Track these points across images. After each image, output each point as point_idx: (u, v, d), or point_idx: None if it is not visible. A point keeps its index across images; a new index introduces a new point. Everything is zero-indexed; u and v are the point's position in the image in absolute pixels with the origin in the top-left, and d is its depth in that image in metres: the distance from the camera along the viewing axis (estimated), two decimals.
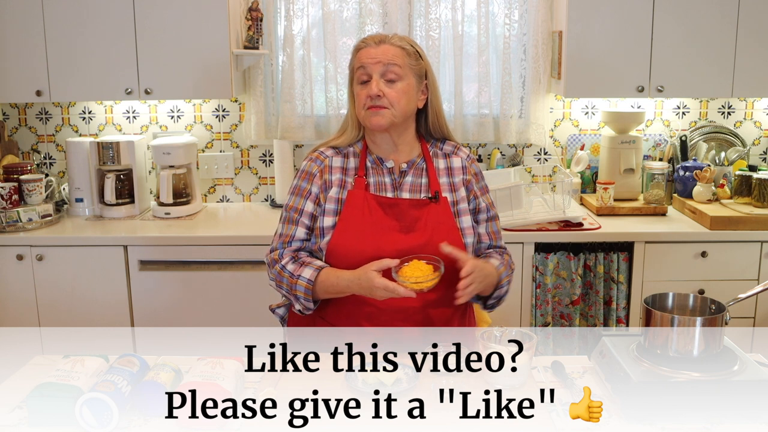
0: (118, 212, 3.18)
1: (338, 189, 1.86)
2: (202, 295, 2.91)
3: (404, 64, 1.82)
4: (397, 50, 1.82)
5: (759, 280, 2.87)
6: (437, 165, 1.91)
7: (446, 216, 1.84)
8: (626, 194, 3.23)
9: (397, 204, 1.83)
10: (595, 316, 2.94)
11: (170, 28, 2.99)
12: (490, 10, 3.25)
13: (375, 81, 1.80)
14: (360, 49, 1.85)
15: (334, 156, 1.90)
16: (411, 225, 1.82)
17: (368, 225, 1.80)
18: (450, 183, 1.90)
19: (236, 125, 3.43)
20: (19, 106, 3.42)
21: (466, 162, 1.94)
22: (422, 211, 1.83)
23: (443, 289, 1.78)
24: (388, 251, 1.75)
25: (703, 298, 1.65)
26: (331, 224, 1.83)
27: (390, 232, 1.80)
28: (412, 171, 1.89)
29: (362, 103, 1.82)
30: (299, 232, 1.86)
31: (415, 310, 1.80)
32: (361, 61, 1.83)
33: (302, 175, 1.90)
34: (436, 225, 1.82)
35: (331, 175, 1.87)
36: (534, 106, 3.32)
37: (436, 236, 1.79)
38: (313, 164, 1.90)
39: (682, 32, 3.01)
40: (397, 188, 1.87)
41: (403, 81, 1.82)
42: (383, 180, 1.87)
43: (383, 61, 1.80)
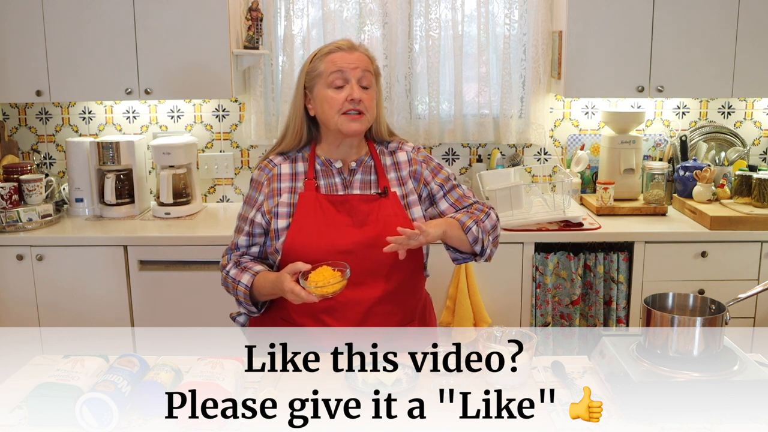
0: (118, 212, 3.18)
1: (289, 195, 1.89)
2: (202, 295, 2.91)
3: (373, 72, 1.89)
4: (367, 58, 1.89)
5: (759, 280, 2.87)
6: (384, 162, 1.96)
7: (397, 208, 1.88)
8: (626, 194, 3.23)
9: (348, 200, 1.87)
10: (595, 316, 2.94)
11: (170, 28, 2.99)
12: (490, 10, 3.25)
13: (355, 86, 1.83)
14: (332, 52, 1.87)
15: (282, 163, 1.94)
16: (363, 219, 1.85)
17: (321, 223, 1.84)
18: (398, 177, 1.94)
19: (236, 125, 3.43)
20: (19, 106, 3.42)
21: (411, 154, 1.98)
22: (373, 206, 1.87)
23: (398, 278, 1.85)
24: (343, 245, 1.81)
25: (703, 298, 1.65)
26: (285, 225, 1.86)
27: (343, 227, 1.84)
28: (361, 169, 1.93)
29: (337, 108, 1.84)
30: (241, 240, 1.94)
31: (375, 301, 1.83)
32: (337, 65, 1.84)
33: (252, 185, 1.96)
34: (387, 218, 1.86)
35: (280, 182, 1.91)
36: (534, 106, 3.32)
37: (388, 228, 1.82)
38: (262, 173, 1.94)
39: (682, 32, 3.01)
40: (347, 187, 1.91)
41: (373, 88, 1.88)
42: (333, 181, 1.91)
43: (360, 67, 1.85)
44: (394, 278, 1.86)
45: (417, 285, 1.97)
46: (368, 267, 1.82)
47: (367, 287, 1.83)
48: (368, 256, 1.82)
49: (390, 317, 1.87)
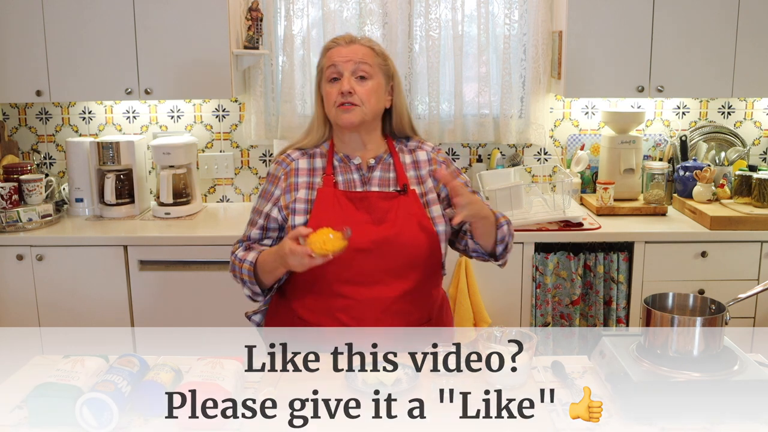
0: (118, 212, 3.18)
1: (306, 191, 1.88)
2: (202, 295, 2.91)
3: (374, 63, 1.86)
4: (367, 50, 1.87)
5: (759, 280, 2.87)
6: (403, 160, 1.94)
7: (416, 206, 1.86)
8: (626, 194, 3.23)
9: (367, 197, 1.86)
10: (595, 316, 2.94)
11: (170, 28, 2.99)
12: (490, 10, 3.25)
13: (346, 78, 1.83)
14: (330, 48, 1.88)
15: (300, 158, 1.93)
16: (382, 217, 1.84)
17: (340, 219, 1.82)
18: (417, 176, 1.93)
19: (236, 125, 3.43)
20: (19, 106, 3.42)
21: (431, 154, 1.97)
22: (392, 203, 1.85)
23: (415, 277, 1.83)
24: (361, 243, 1.78)
25: (703, 298, 1.65)
26: (302, 221, 1.85)
27: (361, 225, 1.82)
28: (380, 166, 1.91)
29: (333, 101, 1.84)
30: (254, 233, 1.92)
31: (392, 300, 1.82)
32: (332, 59, 1.85)
33: (269, 179, 1.95)
34: (406, 216, 1.84)
35: (297, 177, 1.90)
36: (534, 106, 3.32)
37: (407, 226, 1.81)
38: (279, 167, 1.93)
39: (682, 32, 3.01)
40: (365, 183, 1.89)
41: (373, 79, 1.85)
42: (352, 177, 1.90)
43: (354, 59, 1.84)
44: (411, 277, 1.84)
45: (434, 283, 1.95)
46: (386, 266, 1.81)
47: (385, 286, 1.81)
48: (386, 254, 1.80)
49: (407, 316, 1.85)
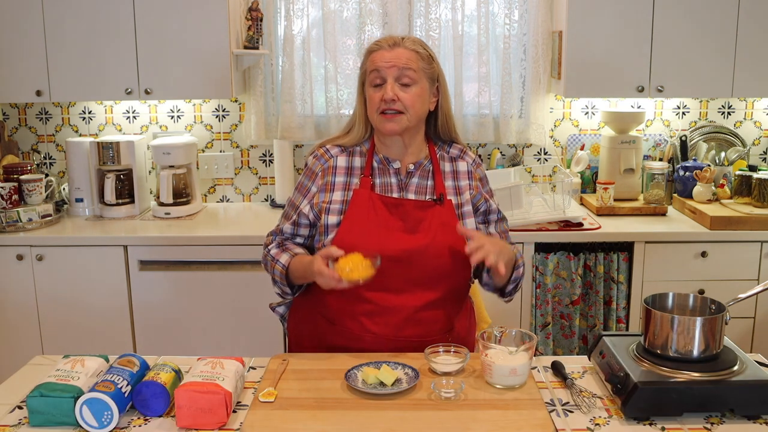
0: (118, 212, 3.18)
1: (342, 192, 1.85)
2: (202, 295, 2.91)
3: (418, 68, 1.80)
4: (411, 54, 1.81)
5: (759, 280, 2.87)
6: (443, 168, 1.91)
7: (450, 218, 1.83)
8: (626, 194, 3.23)
9: (402, 204, 1.83)
10: (595, 316, 2.94)
11: (170, 28, 2.99)
12: (490, 10, 3.25)
13: (390, 85, 1.78)
14: (373, 51, 1.83)
15: (339, 155, 1.90)
16: (415, 226, 1.81)
17: (373, 224, 1.80)
18: (455, 186, 1.90)
19: (236, 125, 3.43)
20: (19, 106, 3.42)
21: (471, 167, 1.94)
22: (426, 213, 1.82)
23: (443, 288, 1.80)
24: (392, 250, 1.75)
25: (703, 298, 1.65)
26: (335, 222, 1.82)
27: (394, 232, 1.79)
28: (419, 172, 1.88)
29: (376, 107, 1.81)
30: (287, 227, 1.91)
31: (416, 309, 1.79)
32: (375, 63, 1.81)
33: (306, 172, 1.93)
34: (440, 226, 1.81)
35: (335, 177, 1.87)
36: (534, 106, 3.32)
37: (440, 237, 1.79)
38: (317, 162, 1.91)
39: (682, 32, 3.01)
40: (402, 189, 1.86)
41: (417, 85, 1.80)
42: (389, 181, 1.87)
43: (398, 65, 1.79)
44: (438, 288, 1.80)
45: (462, 294, 1.92)
46: (414, 275, 1.78)
47: (411, 295, 1.78)
48: (415, 264, 1.77)
49: (430, 325, 1.81)
